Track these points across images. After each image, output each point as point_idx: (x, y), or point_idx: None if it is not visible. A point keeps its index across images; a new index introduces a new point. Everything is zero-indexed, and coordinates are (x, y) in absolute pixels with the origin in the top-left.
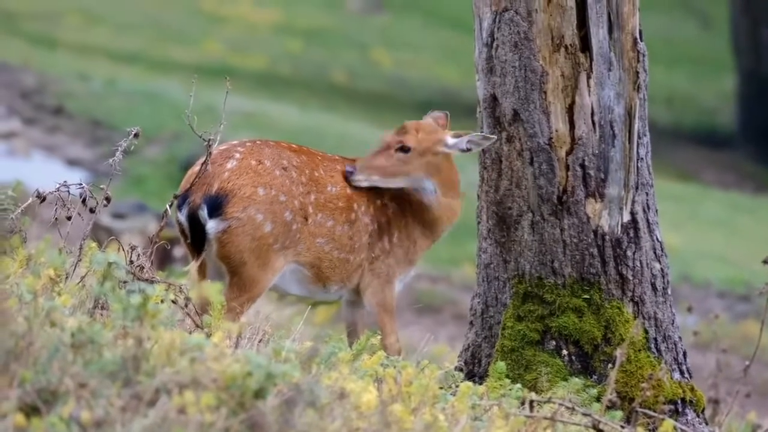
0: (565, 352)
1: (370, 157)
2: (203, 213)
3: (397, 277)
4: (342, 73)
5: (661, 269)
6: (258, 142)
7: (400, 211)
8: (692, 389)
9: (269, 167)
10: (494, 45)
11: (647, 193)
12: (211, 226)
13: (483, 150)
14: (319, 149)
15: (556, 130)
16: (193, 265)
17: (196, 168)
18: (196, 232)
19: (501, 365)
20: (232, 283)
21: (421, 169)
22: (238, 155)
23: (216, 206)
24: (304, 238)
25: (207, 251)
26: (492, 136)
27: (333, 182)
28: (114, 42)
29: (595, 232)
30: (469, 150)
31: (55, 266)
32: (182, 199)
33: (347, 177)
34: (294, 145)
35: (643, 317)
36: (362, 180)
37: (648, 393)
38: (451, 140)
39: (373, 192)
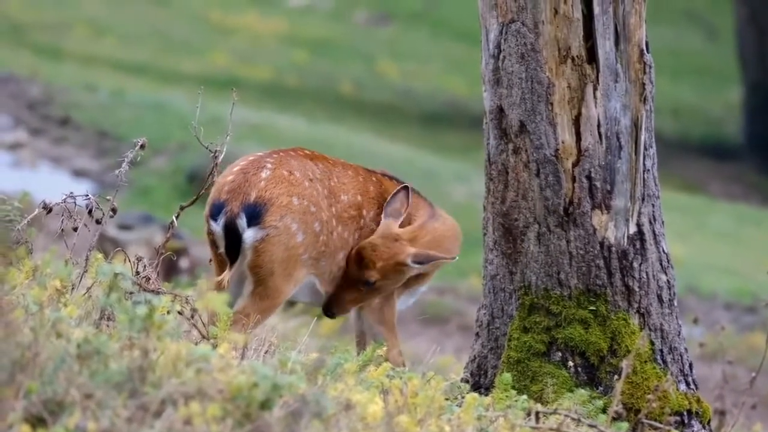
0: (571, 363)
1: (341, 294)
2: (242, 222)
3: (397, 295)
4: (348, 85)
5: (668, 281)
6: (281, 153)
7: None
8: (698, 401)
9: (299, 178)
10: (501, 56)
11: (653, 205)
12: (249, 235)
13: (489, 161)
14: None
15: (563, 142)
16: (226, 275)
17: (227, 178)
18: (231, 241)
19: (507, 376)
20: (254, 293)
21: (391, 283)
22: (270, 165)
23: (255, 215)
24: (328, 253)
25: (240, 261)
26: (451, 258)
27: (344, 190)
28: (121, 53)
29: (602, 244)
30: (430, 267)
31: (61, 277)
32: (217, 209)
33: (326, 314)
34: (308, 152)
35: (650, 329)
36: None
37: (654, 404)
38: (413, 264)
39: (381, 204)
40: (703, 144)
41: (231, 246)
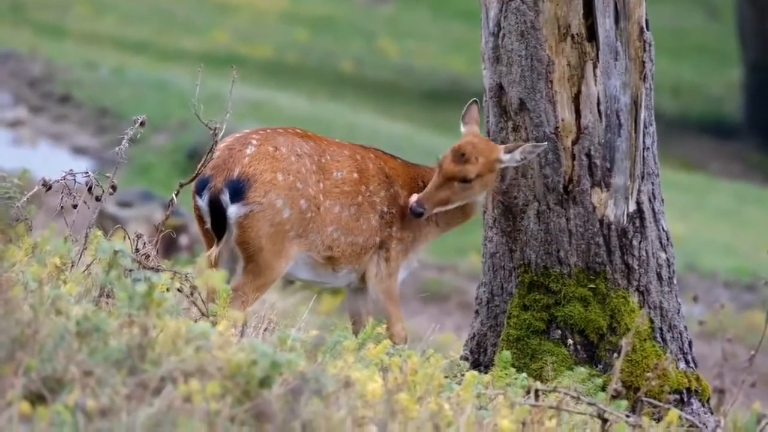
0: (570, 341)
1: (433, 191)
2: (225, 197)
3: (402, 266)
4: (349, 63)
5: (667, 259)
6: (269, 130)
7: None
8: (697, 379)
9: (285, 154)
10: (501, 34)
11: (653, 183)
12: (233, 210)
13: (489, 138)
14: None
15: (562, 120)
16: (214, 251)
17: (216, 153)
18: (216, 217)
19: (506, 354)
20: (247, 270)
21: (481, 189)
22: (255, 141)
23: (238, 191)
24: (316, 228)
25: (226, 237)
26: (542, 144)
27: (339, 167)
28: (122, 31)
29: (601, 222)
30: (523, 160)
31: (61, 254)
32: (202, 184)
33: (414, 214)
34: (299, 131)
35: (649, 307)
36: (430, 214)
37: (653, 382)
38: (505, 157)
39: (384, 179)
40: (703, 123)
41: (216, 222)
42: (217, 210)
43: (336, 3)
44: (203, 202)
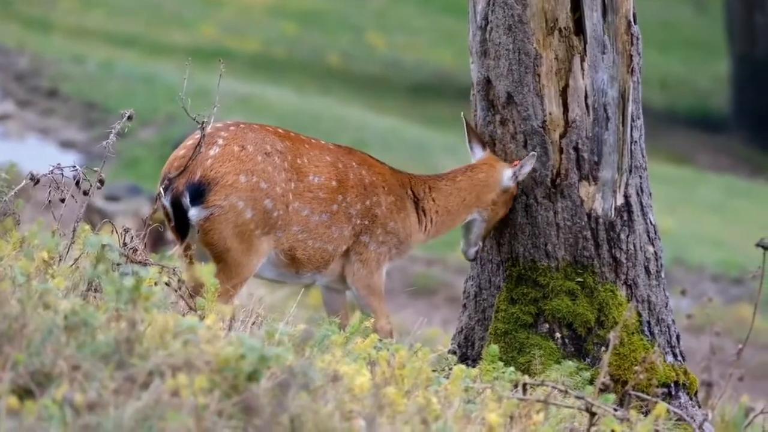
0: (558, 335)
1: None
2: (185, 200)
3: (387, 263)
4: (337, 56)
5: (655, 252)
6: (242, 125)
7: (398, 207)
8: (685, 372)
9: (252, 153)
10: (488, 28)
11: (641, 176)
12: (193, 213)
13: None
14: (315, 134)
15: (550, 113)
16: (178, 249)
17: (179, 152)
18: (179, 217)
19: (494, 348)
20: (219, 269)
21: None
22: (221, 141)
23: (198, 194)
24: (283, 225)
25: (191, 236)
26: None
27: (317, 172)
28: (110, 25)
29: (589, 215)
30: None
31: (49, 249)
32: (167, 184)
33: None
34: (281, 130)
35: (637, 300)
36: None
37: (641, 376)
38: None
39: (363, 191)
40: (691, 116)
41: (179, 222)
42: (179, 211)
43: None
44: (166, 203)
